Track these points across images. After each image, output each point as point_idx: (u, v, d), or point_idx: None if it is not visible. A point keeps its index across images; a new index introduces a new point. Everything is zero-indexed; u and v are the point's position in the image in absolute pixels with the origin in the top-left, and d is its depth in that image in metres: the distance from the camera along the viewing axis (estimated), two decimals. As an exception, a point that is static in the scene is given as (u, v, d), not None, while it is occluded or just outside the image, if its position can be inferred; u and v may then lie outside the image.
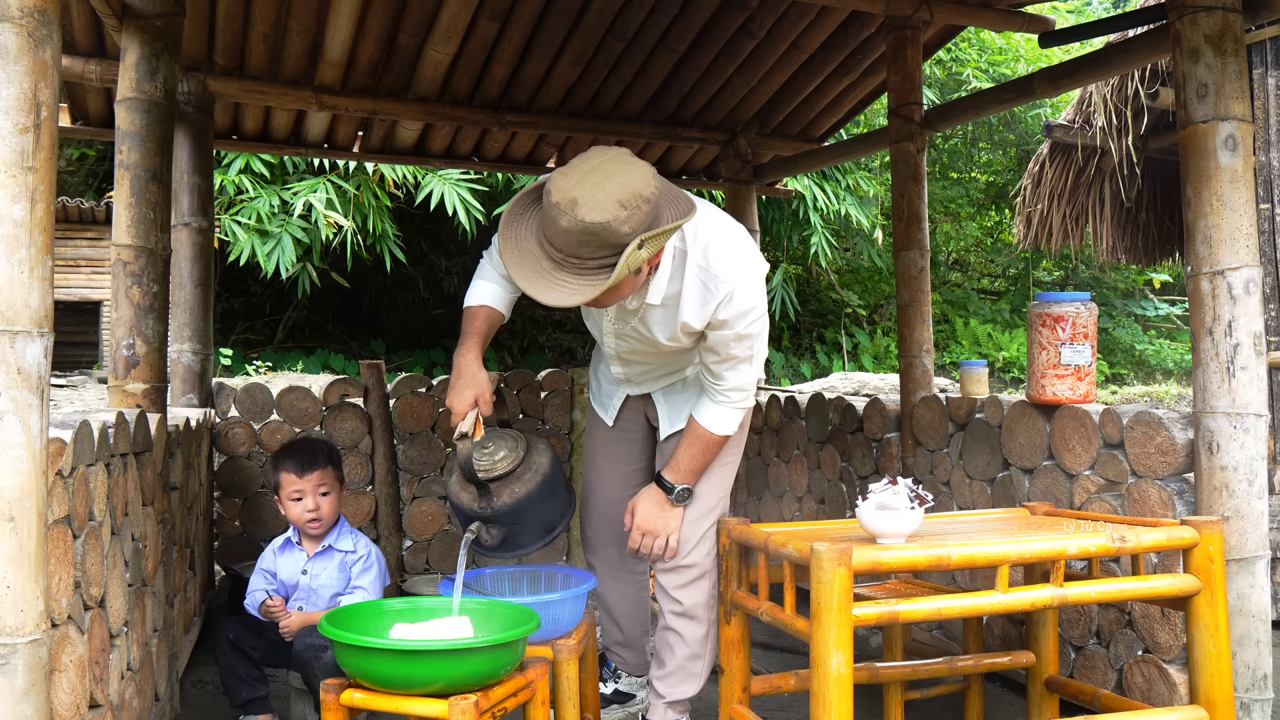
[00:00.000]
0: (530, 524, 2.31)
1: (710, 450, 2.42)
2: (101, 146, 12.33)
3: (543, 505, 2.31)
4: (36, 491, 1.40)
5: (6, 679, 1.37)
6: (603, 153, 2.02)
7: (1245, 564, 2.34)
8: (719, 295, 2.19)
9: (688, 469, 2.43)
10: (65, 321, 13.02)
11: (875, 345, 13.46)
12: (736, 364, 2.31)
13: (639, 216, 1.94)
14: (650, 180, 1.97)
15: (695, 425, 2.42)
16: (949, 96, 11.84)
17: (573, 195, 1.91)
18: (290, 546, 2.79)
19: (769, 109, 4.62)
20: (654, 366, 2.56)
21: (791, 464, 4.19)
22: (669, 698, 2.54)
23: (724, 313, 2.20)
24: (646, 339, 2.37)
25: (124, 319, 2.63)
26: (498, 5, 3.62)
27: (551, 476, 2.32)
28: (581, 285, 1.97)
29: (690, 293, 2.22)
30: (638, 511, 2.47)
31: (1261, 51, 3.92)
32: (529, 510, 2.29)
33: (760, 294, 2.25)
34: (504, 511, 2.26)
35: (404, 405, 4.21)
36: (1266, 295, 3.85)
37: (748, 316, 2.23)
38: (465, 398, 2.22)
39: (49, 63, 1.46)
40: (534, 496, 2.28)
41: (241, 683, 2.62)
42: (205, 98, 3.83)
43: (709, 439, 2.40)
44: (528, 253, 2.02)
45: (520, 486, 2.27)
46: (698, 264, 2.20)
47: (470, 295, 2.44)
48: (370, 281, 12.46)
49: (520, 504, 2.27)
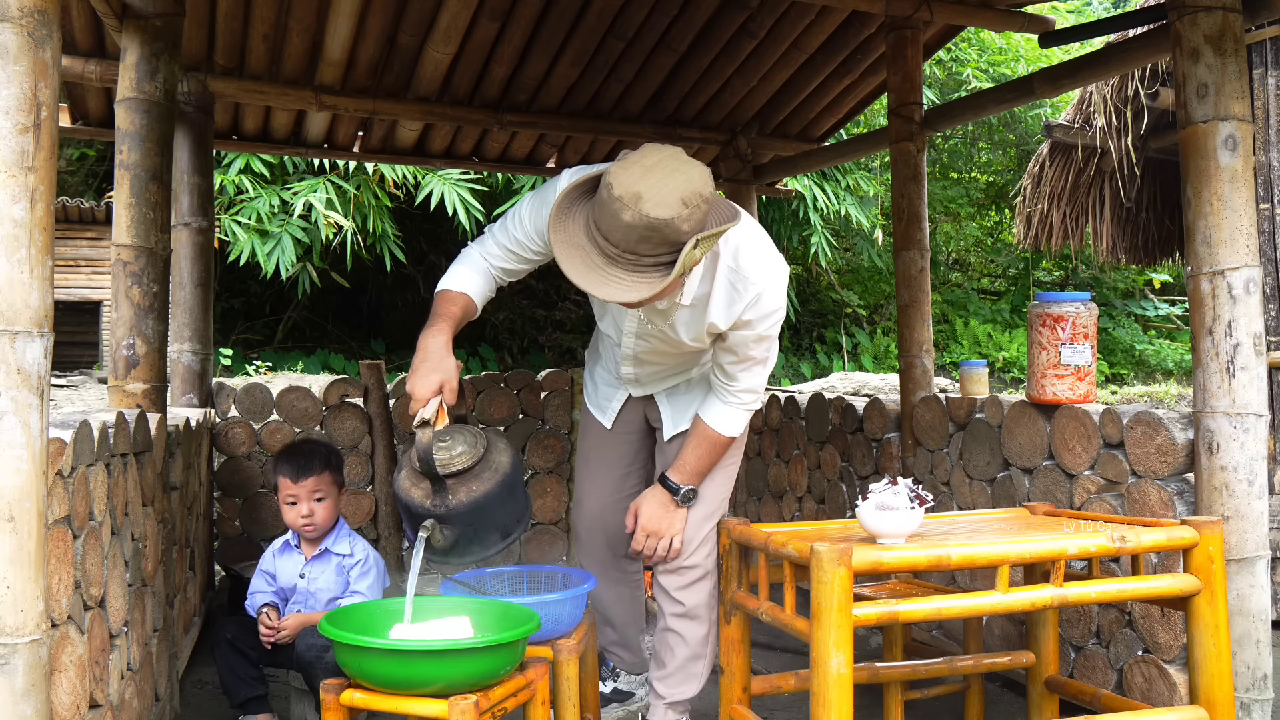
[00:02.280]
0: (486, 527, 2.16)
1: (717, 451, 2.42)
2: (101, 146, 12.33)
3: (500, 508, 2.17)
4: (36, 491, 1.40)
5: (6, 679, 1.37)
6: (660, 149, 1.99)
7: (1245, 564, 2.34)
8: (747, 297, 2.19)
9: (694, 470, 2.42)
10: (65, 321, 13.02)
11: (875, 345, 13.46)
12: (752, 365, 2.32)
13: (698, 215, 1.93)
14: (709, 180, 1.97)
15: (703, 426, 2.41)
16: (949, 96, 11.84)
17: (636, 190, 1.88)
18: (289, 549, 2.79)
19: (769, 109, 4.62)
20: (667, 367, 2.55)
21: (791, 464, 4.19)
22: (669, 699, 2.54)
23: (750, 314, 2.21)
24: (670, 339, 2.36)
25: (124, 319, 2.63)
26: (498, 5, 3.61)
27: (511, 478, 2.18)
28: (637, 282, 1.95)
29: (719, 294, 2.21)
30: (641, 512, 2.46)
31: (1261, 51, 3.92)
32: (486, 511, 2.14)
33: (783, 298, 2.26)
34: (459, 511, 2.10)
35: (404, 405, 4.19)
36: (1266, 295, 3.85)
37: (770, 319, 2.24)
38: (430, 383, 2.09)
39: (49, 63, 1.46)
40: (492, 497, 2.13)
41: (240, 682, 2.62)
42: (205, 98, 3.83)
43: (716, 440, 2.40)
44: (579, 247, 1.97)
45: (478, 485, 2.12)
46: (728, 265, 2.20)
47: (449, 279, 2.33)
48: (370, 281, 12.46)
49: (478, 504, 2.11)
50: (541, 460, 4.41)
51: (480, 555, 2.20)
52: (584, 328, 13.21)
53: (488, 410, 4.33)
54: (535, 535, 4.40)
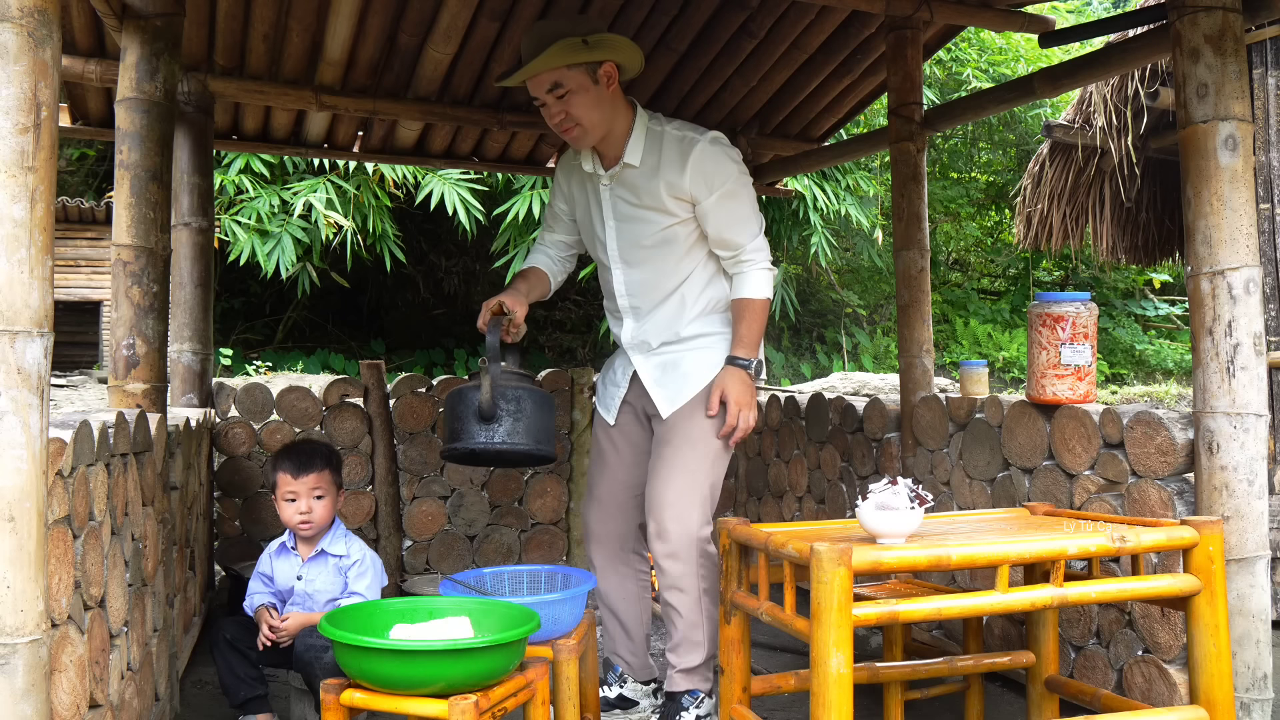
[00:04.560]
0: (528, 424, 2.51)
1: (760, 317, 2.64)
2: (101, 146, 12.34)
3: (541, 418, 2.54)
4: (36, 491, 1.40)
5: (6, 679, 1.37)
6: None
7: (1245, 564, 2.34)
8: (694, 149, 2.55)
9: (750, 341, 2.65)
10: (65, 321, 13.02)
11: (875, 345, 13.47)
12: (740, 224, 2.62)
13: (582, 29, 2.50)
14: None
15: (740, 302, 2.66)
16: (949, 96, 11.84)
17: None
18: (285, 551, 2.79)
19: (769, 109, 4.62)
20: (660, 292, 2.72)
21: (791, 464, 4.19)
22: (679, 667, 2.66)
23: (702, 166, 2.54)
24: (642, 219, 2.65)
25: (124, 319, 2.63)
26: (498, 5, 3.61)
27: (549, 404, 2.58)
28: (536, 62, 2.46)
29: (668, 153, 2.58)
30: (729, 392, 2.61)
31: (1261, 51, 3.92)
32: (533, 411, 2.51)
33: (733, 154, 2.60)
34: (511, 395, 2.49)
35: (404, 405, 4.21)
36: (1266, 295, 3.85)
37: (725, 171, 2.57)
38: (495, 298, 2.61)
39: (49, 63, 1.46)
40: (541, 403, 2.54)
41: (240, 683, 2.62)
42: (205, 98, 3.83)
43: (756, 305, 2.65)
44: None
45: (530, 394, 2.52)
46: (673, 134, 2.60)
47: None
48: (370, 281, 12.47)
49: (526, 398, 2.51)
50: (541, 460, 4.41)
51: (508, 444, 2.49)
52: (584, 328, 13.22)
53: (488, 410, 4.33)
54: (535, 535, 4.40)
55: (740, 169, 2.61)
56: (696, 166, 2.54)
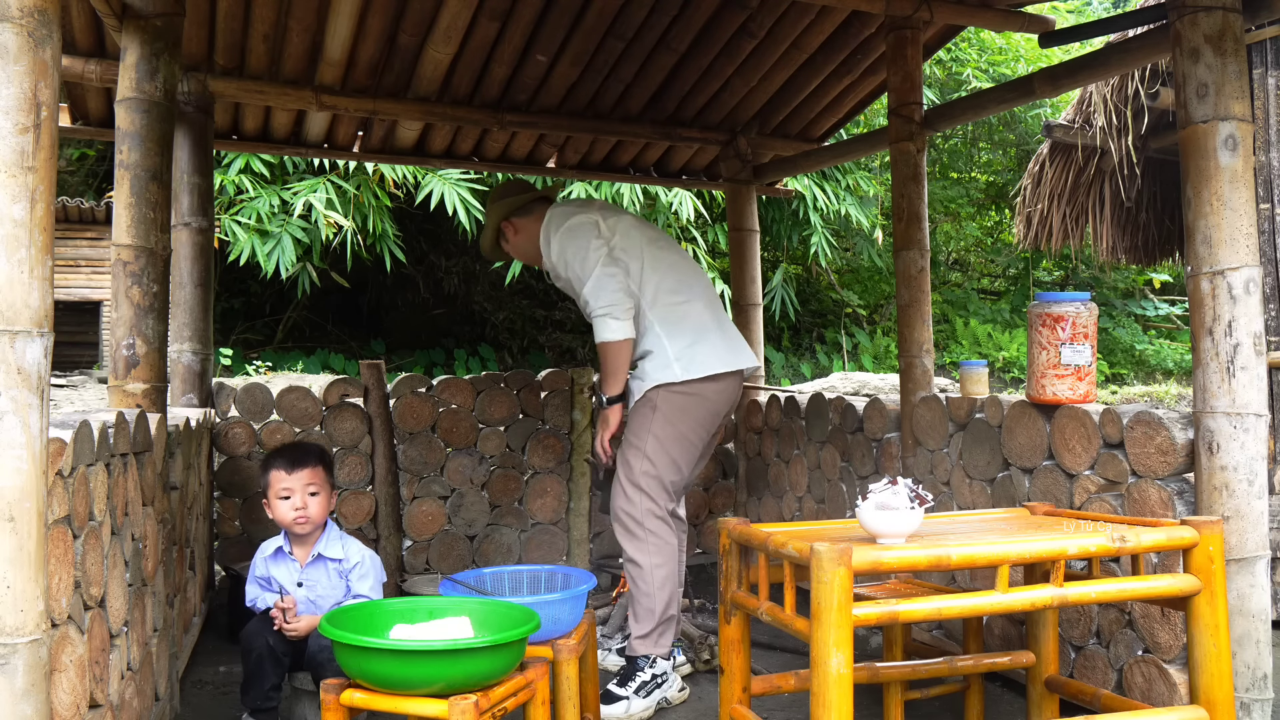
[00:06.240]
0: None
1: (606, 359, 3.08)
2: (101, 146, 12.34)
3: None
4: (36, 491, 1.40)
5: (6, 679, 1.37)
6: None
7: (1245, 564, 2.34)
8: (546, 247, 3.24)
9: (603, 380, 3.16)
10: (65, 321, 13.02)
11: (875, 345, 13.47)
12: (578, 285, 3.11)
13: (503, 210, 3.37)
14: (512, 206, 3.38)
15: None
16: (949, 96, 11.84)
17: None
18: (282, 556, 2.77)
19: (769, 109, 4.63)
20: None
21: (791, 464, 4.19)
22: (634, 634, 2.99)
23: (552, 254, 3.21)
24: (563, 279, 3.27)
25: (124, 319, 2.63)
26: (498, 5, 3.62)
27: None
28: None
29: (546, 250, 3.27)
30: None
31: (1261, 51, 3.92)
32: None
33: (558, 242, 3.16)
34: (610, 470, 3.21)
35: (404, 405, 4.21)
36: (1266, 295, 3.85)
37: (553, 248, 3.19)
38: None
39: (49, 63, 1.46)
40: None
41: (260, 692, 2.56)
42: (205, 98, 3.84)
43: (601, 348, 3.09)
44: None
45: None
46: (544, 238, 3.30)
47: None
48: (370, 281, 12.47)
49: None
50: (541, 460, 4.41)
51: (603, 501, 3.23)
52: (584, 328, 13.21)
53: (488, 410, 4.33)
54: (535, 535, 4.40)
55: (558, 249, 3.20)
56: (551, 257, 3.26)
